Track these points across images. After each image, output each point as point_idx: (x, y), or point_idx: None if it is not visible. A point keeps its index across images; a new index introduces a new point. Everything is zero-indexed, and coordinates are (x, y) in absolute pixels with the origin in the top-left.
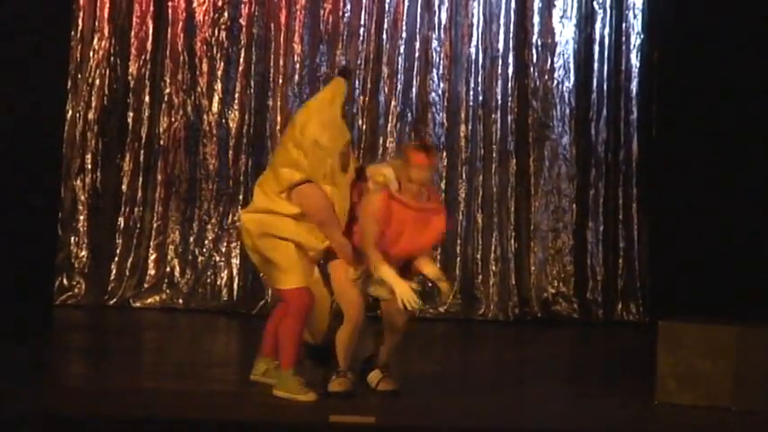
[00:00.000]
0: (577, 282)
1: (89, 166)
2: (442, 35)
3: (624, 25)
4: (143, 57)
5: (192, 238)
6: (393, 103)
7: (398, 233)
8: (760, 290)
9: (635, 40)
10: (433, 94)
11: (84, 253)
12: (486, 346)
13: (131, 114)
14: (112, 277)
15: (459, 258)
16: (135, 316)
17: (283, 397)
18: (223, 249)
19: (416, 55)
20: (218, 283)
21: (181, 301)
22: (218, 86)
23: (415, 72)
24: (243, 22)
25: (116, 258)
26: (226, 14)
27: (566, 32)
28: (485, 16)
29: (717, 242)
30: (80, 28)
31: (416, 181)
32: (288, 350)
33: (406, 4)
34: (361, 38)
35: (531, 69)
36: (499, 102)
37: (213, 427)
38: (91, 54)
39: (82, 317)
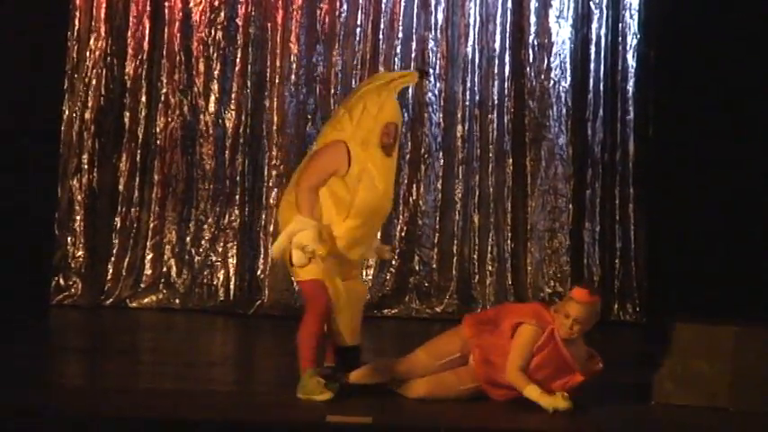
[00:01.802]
0: (574, 282)
1: (86, 166)
2: (439, 35)
3: (620, 25)
4: (140, 57)
5: (188, 238)
6: None
7: (540, 367)
8: (757, 290)
9: (631, 41)
10: (430, 93)
11: (80, 253)
12: None
13: (128, 114)
14: (109, 277)
15: (455, 258)
16: (132, 316)
17: (304, 399)
18: (220, 249)
19: (413, 55)
20: (215, 283)
21: (177, 301)
22: (215, 86)
23: None
24: (239, 22)
25: (113, 258)
26: (222, 14)
27: (562, 32)
28: (481, 16)
29: (714, 242)
30: (77, 28)
31: (572, 315)
32: (304, 350)
33: (403, 4)
34: (358, 38)
35: (528, 69)
36: (496, 102)
37: (210, 427)
38: (87, 54)
39: (78, 317)
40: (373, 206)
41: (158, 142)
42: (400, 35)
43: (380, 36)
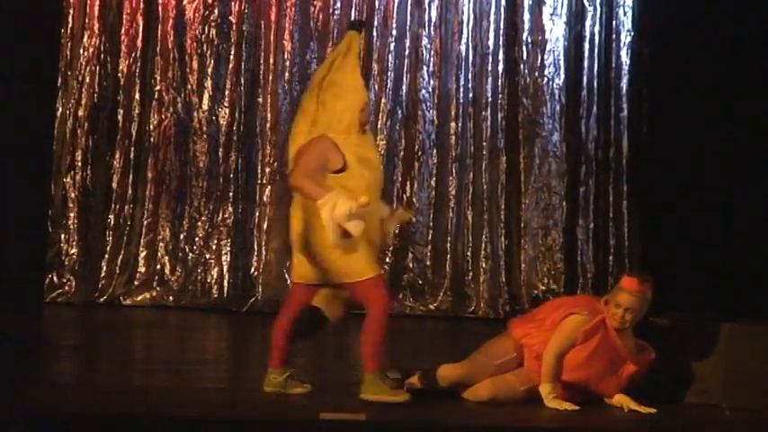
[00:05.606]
0: (567, 279)
1: (79, 164)
2: (433, 32)
3: (614, 23)
4: (133, 54)
5: (182, 236)
6: (383, 100)
7: (593, 359)
8: (751, 286)
9: (625, 38)
10: (424, 91)
11: (74, 250)
12: (475, 343)
13: (121, 112)
14: (103, 274)
15: (449, 255)
16: (125, 313)
17: (375, 400)
18: (213, 247)
19: (407, 52)
20: (209, 280)
21: (171, 298)
22: (209, 84)
23: (405, 69)
24: (233, 19)
25: (106, 256)
26: (216, 12)
27: (556, 30)
28: (475, 13)
29: (707, 239)
30: (70, 25)
31: (622, 304)
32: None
33: (396, 1)
34: None
35: (522, 66)
36: (489, 99)
37: (203, 424)
38: (81, 51)
39: (72, 314)
40: (377, 183)
41: (152, 139)
42: (394, 32)
43: (374, 33)
